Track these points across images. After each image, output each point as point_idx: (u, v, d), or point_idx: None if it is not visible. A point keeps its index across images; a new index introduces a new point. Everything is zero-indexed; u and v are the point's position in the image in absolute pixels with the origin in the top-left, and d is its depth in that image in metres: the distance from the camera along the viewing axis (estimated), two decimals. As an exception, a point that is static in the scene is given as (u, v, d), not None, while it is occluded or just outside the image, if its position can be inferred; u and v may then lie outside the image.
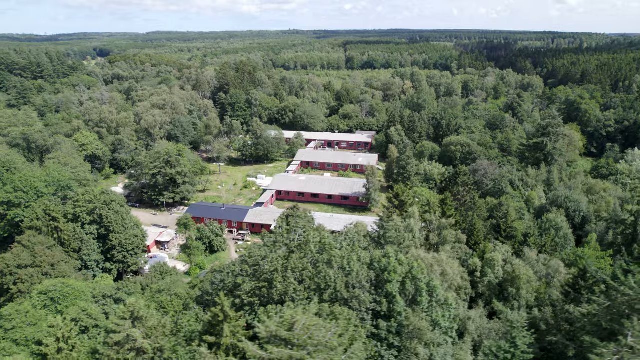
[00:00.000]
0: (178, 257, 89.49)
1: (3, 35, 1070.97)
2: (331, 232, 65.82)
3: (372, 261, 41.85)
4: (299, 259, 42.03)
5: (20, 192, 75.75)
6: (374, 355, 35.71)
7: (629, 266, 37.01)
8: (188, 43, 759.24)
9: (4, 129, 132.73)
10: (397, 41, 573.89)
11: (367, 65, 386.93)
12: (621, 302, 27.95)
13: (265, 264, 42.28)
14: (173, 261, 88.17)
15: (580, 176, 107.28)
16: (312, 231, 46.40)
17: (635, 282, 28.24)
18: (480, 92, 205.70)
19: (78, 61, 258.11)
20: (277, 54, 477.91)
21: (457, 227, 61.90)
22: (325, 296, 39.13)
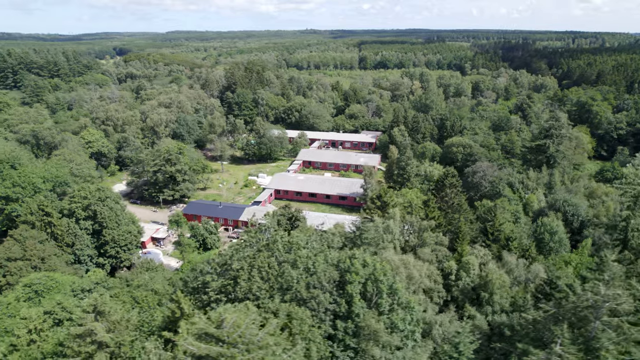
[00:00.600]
0: (172, 254, 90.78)
1: (30, 35, 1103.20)
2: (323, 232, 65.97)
3: (339, 262, 41.85)
4: (265, 258, 42.28)
5: (18, 188, 78.08)
6: (327, 356, 35.71)
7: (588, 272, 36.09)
8: (205, 42, 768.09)
9: (16, 125, 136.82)
10: (413, 41, 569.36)
11: (380, 65, 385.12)
12: (567, 309, 27.33)
13: (233, 263, 42.70)
14: (167, 258, 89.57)
15: (583, 179, 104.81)
16: (281, 231, 46.59)
17: (584, 289, 27.57)
18: (490, 93, 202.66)
19: (93, 60, 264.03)
20: (292, 53, 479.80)
21: (441, 229, 61.30)
22: (287, 296, 39.30)
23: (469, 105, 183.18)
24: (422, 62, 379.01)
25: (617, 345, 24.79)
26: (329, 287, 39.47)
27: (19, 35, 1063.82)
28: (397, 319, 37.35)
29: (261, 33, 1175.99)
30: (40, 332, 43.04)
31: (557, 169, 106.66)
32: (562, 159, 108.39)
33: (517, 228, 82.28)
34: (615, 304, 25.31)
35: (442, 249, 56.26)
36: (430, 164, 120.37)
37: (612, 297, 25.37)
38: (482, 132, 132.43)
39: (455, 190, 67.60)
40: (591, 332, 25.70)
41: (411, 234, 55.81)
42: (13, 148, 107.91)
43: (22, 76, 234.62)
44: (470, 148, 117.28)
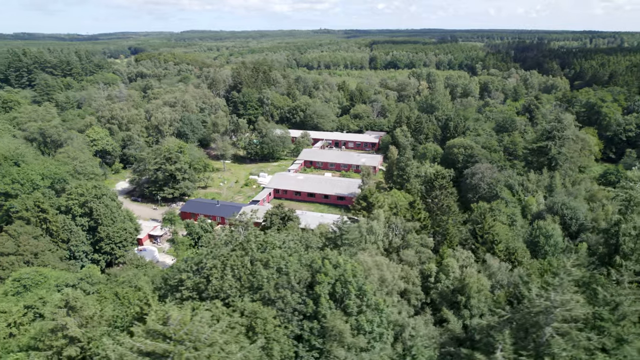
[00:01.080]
0: (168, 252, 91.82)
1: (50, 35, 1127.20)
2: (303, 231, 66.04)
3: (312, 262, 41.88)
4: (239, 257, 42.53)
5: (17, 184, 79.84)
6: (291, 356, 35.79)
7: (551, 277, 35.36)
8: (219, 42, 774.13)
9: (24, 123, 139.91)
10: (426, 41, 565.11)
11: (391, 65, 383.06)
12: (520, 314, 26.86)
13: (207, 261, 43.06)
14: (163, 255, 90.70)
15: (585, 182, 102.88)
16: (256, 230, 46.78)
17: (538, 294, 27.04)
18: (497, 94, 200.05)
19: (104, 60, 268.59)
20: (303, 53, 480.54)
21: (427, 230, 60.83)
22: (256, 295, 39.49)
23: (475, 106, 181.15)
24: (433, 63, 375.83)
25: (566, 352, 24.31)
26: (299, 287, 39.54)
27: (40, 35, 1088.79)
28: (364, 321, 37.20)
29: (275, 33, 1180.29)
30: (19, 325, 43.99)
31: (558, 171, 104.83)
32: (565, 161, 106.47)
33: (512, 231, 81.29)
34: (565, 309, 24.81)
35: (426, 250, 55.83)
36: (430, 165, 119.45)
37: (562, 303, 24.87)
38: (485, 134, 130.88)
39: (445, 192, 66.94)
40: (542, 338, 25.25)
41: (395, 235, 55.44)
42: (18, 145, 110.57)
43: (36, 75, 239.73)
44: (472, 149, 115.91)
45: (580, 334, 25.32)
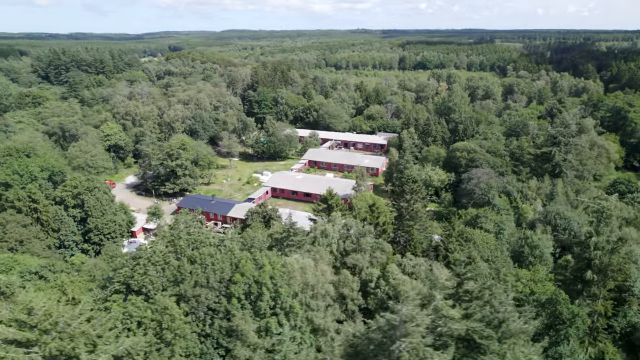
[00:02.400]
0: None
1: (101, 35, 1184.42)
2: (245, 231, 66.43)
3: (239, 262, 42.27)
4: (167, 253, 43.50)
5: (17, 175, 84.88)
6: (195, 352, 36.31)
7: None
8: (255, 41, 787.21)
9: (47, 118, 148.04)
10: (461, 41, 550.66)
11: (420, 66, 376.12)
12: (378, 327, 25.98)
13: (141, 256, 44.30)
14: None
15: (590, 192, 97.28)
16: (193, 228, 47.61)
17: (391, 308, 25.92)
18: (520, 97, 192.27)
19: (134, 58, 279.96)
20: (334, 53, 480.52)
21: (387, 235, 59.74)
22: (175, 290, 40.29)
23: (494, 108, 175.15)
24: (464, 64, 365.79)
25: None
26: (218, 285, 40.02)
27: (91, 35, 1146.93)
28: (272, 323, 37.16)
29: (312, 32, 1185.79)
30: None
31: (563, 179, 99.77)
32: (570, 168, 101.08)
33: (499, 240, 78.36)
34: (413, 324, 23.79)
35: (382, 256, 54.85)
36: (432, 169, 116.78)
37: (410, 317, 23.85)
38: (494, 137, 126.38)
39: (415, 197, 65.33)
40: (393, 355, 24.38)
41: (348, 238, 54.84)
42: (32, 138, 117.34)
43: (73, 73, 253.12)
44: (475, 153, 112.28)
45: (429, 350, 24.23)
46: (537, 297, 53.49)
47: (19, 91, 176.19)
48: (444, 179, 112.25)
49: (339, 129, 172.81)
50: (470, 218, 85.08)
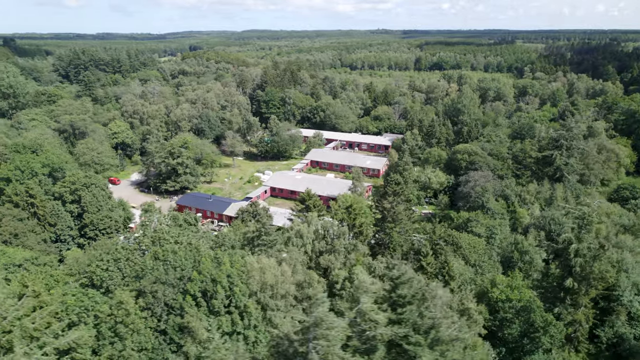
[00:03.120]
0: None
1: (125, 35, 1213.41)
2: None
3: (200, 260, 42.76)
4: (131, 250, 44.33)
5: (18, 171, 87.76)
6: (147, 347, 36.93)
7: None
8: (274, 41, 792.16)
9: (60, 116, 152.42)
10: (481, 42, 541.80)
11: (436, 67, 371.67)
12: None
13: (110, 252, 45.31)
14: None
15: (592, 197, 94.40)
16: (162, 225, 48.33)
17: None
18: (532, 99, 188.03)
19: (149, 58, 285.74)
20: (351, 53, 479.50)
21: (363, 237, 59.41)
22: (135, 285, 41.05)
23: (504, 110, 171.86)
24: (481, 64, 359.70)
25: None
26: (177, 282, 40.60)
27: (117, 35, 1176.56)
28: (224, 321, 37.48)
29: (332, 33, 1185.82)
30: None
31: (562, 183, 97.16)
32: (572, 172, 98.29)
33: (490, 244, 77.00)
34: (323, 329, 23.57)
35: (354, 257, 54.59)
36: (432, 171, 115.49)
37: (319, 319, 23.62)
38: (498, 140, 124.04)
39: (398, 199, 64.74)
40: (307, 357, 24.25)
41: (323, 239, 54.79)
42: (40, 135, 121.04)
43: (91, 72, 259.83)
44: (475, 155, 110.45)
45: (340, 354, 23.99)
46: (514, 304, 52.28)
47: (36, 89, 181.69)
48: (443, 181, 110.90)
49: (345, 130, 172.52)
50: (461, 222, 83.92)
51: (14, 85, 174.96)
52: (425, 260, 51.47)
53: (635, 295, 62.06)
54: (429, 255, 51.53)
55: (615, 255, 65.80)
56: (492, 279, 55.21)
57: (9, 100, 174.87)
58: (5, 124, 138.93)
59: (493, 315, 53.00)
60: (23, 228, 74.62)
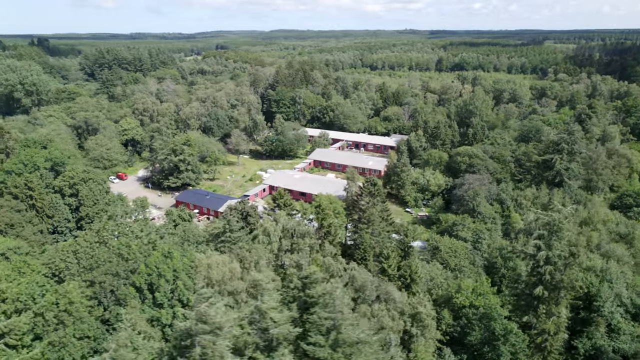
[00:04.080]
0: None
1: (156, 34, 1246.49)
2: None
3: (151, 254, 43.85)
4: (94, 242, 45.89)
5: (21, 165, 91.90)
6: (90, 335, 38.24)
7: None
8: (300, 41, 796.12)
9: (76, 112, 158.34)
10: (508, 43, 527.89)
11: (458, 68, 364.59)
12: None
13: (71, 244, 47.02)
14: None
15: (593, 204, 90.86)
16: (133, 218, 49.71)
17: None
18: (549, 101, 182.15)
19: (169, 57, 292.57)
20: (374, 53, 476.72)
21: (332, 237, 59.36)
22: (88, 276, 42.53)
23: (517, 112, 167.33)
24: (504, 65, 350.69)
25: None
26: (127, 274, 41.81)
27: (149, 35, 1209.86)
28: (163, 314, 38.37)
29: (359, 33, 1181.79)
30: None
31: (564, 188, 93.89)
32: (573, 178, 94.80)
33: (476, 250, 75.49)
34: (206, 324, 23.81)
35: (321, 258, 54.63)
36: (432, 173, 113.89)
37: (200, 318, 23.84)
38: (503, 142, 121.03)
39: (373, 200, 64.30)
40: (192, 351, 24.62)
41: (287, 238, 55.12)
42: (51, 131, 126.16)
43: (114, 71, 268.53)
44: (474, 158, 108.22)
45: (220, 349, 24.18)
46: (478, 310, 51.08)
47: (57, 87, 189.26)
48: (442, 183, 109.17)
49: (353, 130, 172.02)
50: (446, 225, 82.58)
51: (37, 83, 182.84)
52: (387, 262, 50.95)
53: (618, 307, 59.62)
54: (390, 258, 50.99)
55: (600, 263, 63.47)
56: (458, 284, 54.09)
57: (32, 97, 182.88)
58: (24, 120, 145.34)
59: (457, 321, 52.00)
60: (20, 219, 78.07)
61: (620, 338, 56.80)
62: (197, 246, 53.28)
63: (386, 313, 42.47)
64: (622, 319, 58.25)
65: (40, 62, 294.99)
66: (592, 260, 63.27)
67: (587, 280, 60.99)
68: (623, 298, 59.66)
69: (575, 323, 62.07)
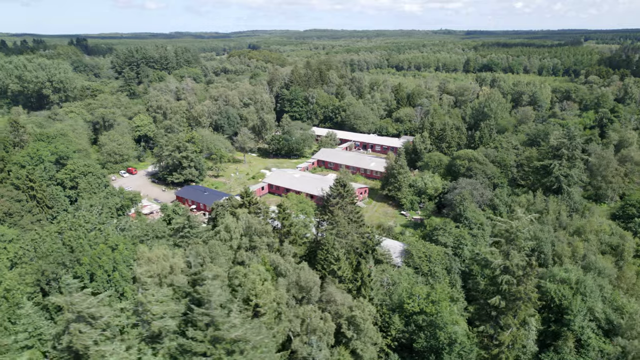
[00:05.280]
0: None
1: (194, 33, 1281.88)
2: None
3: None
4: (50, 232, 48.22)
5: (28, 157, 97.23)
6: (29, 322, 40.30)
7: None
8: (332, 41, 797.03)
9: (95, 109, 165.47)
10: (542, 43, 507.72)
11: (486, 69, 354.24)
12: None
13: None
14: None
15: (592, 213, 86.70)
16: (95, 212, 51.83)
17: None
18: (571, 104, 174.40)
19: (193, 56, 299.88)
20: (402, 53, 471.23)
21: (292, 237, 59.66)
22: (35, 265, 44.77)
23: (534, 115, 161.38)
24: (534, 67, 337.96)
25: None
26: (73, 264, 43.75)
27: (187, 34, 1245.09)
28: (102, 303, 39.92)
29: (392, 32, 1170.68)
30: None
31: (562, 195, 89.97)
32: (571, 184, 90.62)
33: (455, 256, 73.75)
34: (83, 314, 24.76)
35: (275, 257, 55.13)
36: (431, 176, 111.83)
37: (73, 305, 24.77)
38: (508, 146, 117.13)
39: (342, 202, 64.06)
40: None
41: (247, 236, 55.91)
42: (66, 126, 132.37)
43: (142, 69, 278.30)
44: (474, 162, 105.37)
45: (86, 340, 25.10)
46: (427, 317, 49.98)
47: (82, 84, 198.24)
48: (439, 186, 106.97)
49: (363, 131, 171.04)
50: (428, 230, 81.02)
51: (64, 81, 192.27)
52: (336, 264, 50.76)
53: (590, 321, 56.86)
54: (341, 260, 50.75)
55: (575, 275, 60.58)
56: (410, 290, 53.06)
57: (60, 94, 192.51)
58: (45, 116, 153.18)
59: (408, 327, 51.10)
60: (19, 209, 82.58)
61: (588, 354, 54.29)
62: (158, 240, 54.96)
63: (318, 314, 42.43)
64: (593, 335, 55.55)
65: (75, 61, 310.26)
66: (568, 271, 60.50)
67: (560, 292, 58.49)
68: (596, 312, 56.85)
69: (546, 336, 59.71)
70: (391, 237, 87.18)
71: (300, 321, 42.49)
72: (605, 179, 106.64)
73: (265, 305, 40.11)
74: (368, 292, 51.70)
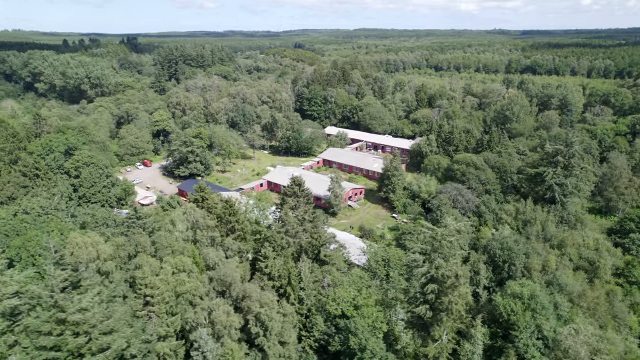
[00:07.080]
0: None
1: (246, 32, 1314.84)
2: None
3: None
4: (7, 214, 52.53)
5: (40, 147, 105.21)
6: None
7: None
8: (379, 40, 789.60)
9: (123, 104, 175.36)
10: (600, 44, 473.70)
11: (529, 70, 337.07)
12: None
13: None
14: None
15: (583, 225, 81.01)
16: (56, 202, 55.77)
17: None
18: (605, 109, 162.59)
19: (227, 54, 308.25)
20: (444, 53, 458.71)
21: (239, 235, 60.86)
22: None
23: (558, 120, 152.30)
24: (583, 69, 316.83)
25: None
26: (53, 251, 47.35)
27: (239, 32, 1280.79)
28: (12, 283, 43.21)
29: (442, 32, 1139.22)
30: None
31: (555, 204, 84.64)
32: (566, 194, 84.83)
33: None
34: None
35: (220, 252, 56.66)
36: (427, 179, 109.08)
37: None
38: (509, 152, 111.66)
39: (299, 201, 64.41)
40: None
41: (193, 229, 57.94)
42: (88, 119, 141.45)
43: (179, 66, 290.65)
44: (469, 167, 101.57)
45: None
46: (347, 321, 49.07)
47: (116, 80, 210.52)
48: (432, 190, 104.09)
49: (378, 131, 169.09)
50: (399, 234, 79.35)
51: (101, 77, 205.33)
52: (264, 262, 51.33)
53: (537, 340, 53.53)
54: (269, 259, 51.28)
55: (527, 290, 57.04)
56: (334, 292, 52.39)
57: (96, 89, 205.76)
58: (74, 110, 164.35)
59: (330, 329, 50.66)
60: (23, 194, 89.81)
61: (530, 374, 51.19)
62: (105, 229, 58.21)
63: (224, 308, 43.40)
64: (538, 353, 52.31)
65: (122, 59, 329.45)
66: (523, 286, 57.18)
67: (508, 307, 55.51)
68: (544, 331, 53.38)
69: (493, 351, 56.85)
70: (372, 239, 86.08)
71: (206, 313, 43.68)
72: (616, 190, 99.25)
73: (157, 296, 41.64)
74: (297, 292, 51.89)
